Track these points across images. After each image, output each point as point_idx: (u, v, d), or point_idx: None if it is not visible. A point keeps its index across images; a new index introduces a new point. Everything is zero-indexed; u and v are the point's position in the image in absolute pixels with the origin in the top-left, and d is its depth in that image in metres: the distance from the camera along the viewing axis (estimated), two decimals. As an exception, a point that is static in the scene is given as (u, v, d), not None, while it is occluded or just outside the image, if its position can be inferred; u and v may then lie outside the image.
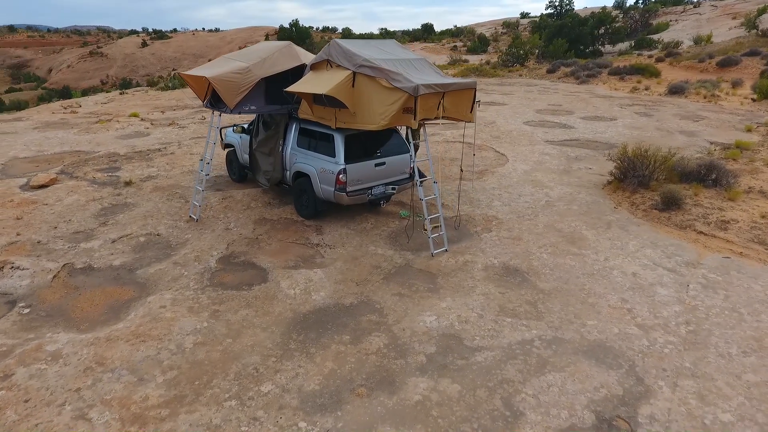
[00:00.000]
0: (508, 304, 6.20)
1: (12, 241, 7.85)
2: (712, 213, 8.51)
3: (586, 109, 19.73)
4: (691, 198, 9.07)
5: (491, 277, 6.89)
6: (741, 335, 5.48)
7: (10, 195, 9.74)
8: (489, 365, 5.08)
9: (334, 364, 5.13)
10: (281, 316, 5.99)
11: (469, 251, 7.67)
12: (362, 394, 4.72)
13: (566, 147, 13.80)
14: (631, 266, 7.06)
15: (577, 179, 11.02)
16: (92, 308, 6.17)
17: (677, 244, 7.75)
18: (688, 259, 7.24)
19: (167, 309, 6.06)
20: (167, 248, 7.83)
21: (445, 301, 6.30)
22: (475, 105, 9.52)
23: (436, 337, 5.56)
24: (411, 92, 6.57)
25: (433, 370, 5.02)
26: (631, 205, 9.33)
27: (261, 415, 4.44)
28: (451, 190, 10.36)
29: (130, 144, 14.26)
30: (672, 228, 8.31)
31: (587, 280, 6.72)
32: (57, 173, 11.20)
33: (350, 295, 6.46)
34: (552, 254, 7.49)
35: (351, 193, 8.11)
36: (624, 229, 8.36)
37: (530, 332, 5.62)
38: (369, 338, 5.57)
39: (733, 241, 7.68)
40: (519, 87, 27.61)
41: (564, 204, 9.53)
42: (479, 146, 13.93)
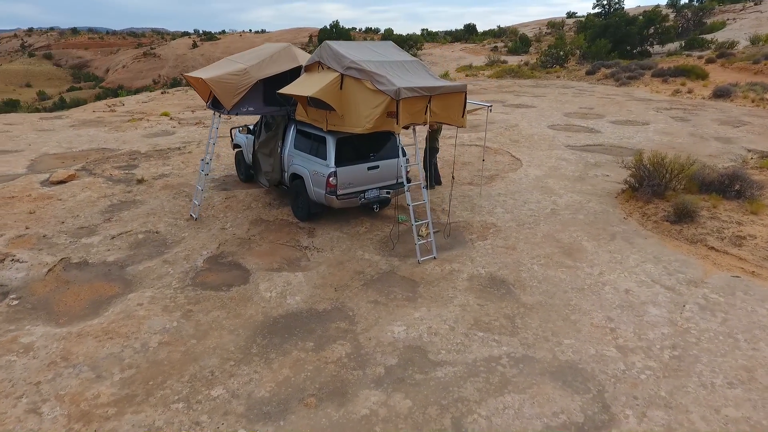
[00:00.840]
0: (484, 317, 5.94)
1: (20, 234, 8.23)
2: (728, 227, 7.88)
3: (619, 113, 18.86)
4: (708, 210, 8.44)
5: (474, 287, 6.63)
6: (731, 364, 5.02)
7: (29, 190, 10.24)
8: (448, 382, 4.87)
9: (290, 372, 5.06)
10: (251, 319, 5.98)
11: (458, 259, 7.42)
12: (311, 404, 4.62)
13: (587, 152, 13.20)
14: (625, 282, 6.63)
15: (590, 187, 10.50)
16: (75, 303, 6.36)
17: (683, 259, 7.22)
18: (691, 277, 6.73)
19: (143, 307, 6.17)
20: (162, 246, 8.00)
21: (420, 311, 6.11)
22: (471, 109, 9.26)
23: (401, 349, 5.39)
24: (393, 95, 6.42)
25: (388, 384, 4.86)
26: (642, 215, 8.79)
27: (204, 420, 4.42)
28: (455, 195, 10.10)
29: (153, 142, 14.75)
30: (681, 242, 7.76)
31: (575, 296, 6.35)
32: (78, 170, 11.70)
33: (325, 301, 6.38)
34: (544, 266, 7.14)
35: (341, 196, 8.03)
36: (628, 241, 7.88)
37: (500, 348, 5.36)
38: (332, 346, 5.46)
39: (746, 258, 7.08)
40: (553, 89, 26.76)
41: (570, 213, 9.09)
42: (495, 150, 13.56)
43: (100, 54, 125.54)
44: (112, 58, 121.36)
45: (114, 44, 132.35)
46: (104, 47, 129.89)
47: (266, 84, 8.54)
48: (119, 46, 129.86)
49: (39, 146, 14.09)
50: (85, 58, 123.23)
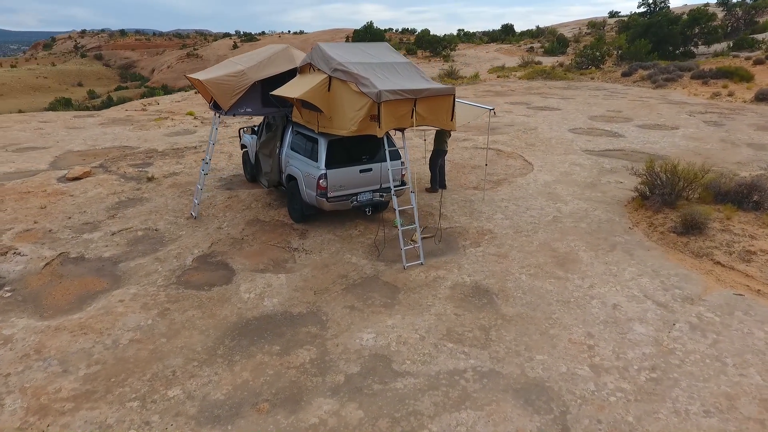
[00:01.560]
0: (458, 327, 5.76)
1: (27, 228, 8.58)
2: (739, 241, 7.37)
3: (648, 117, 18.06)
4: (720, 222, 7.92)
5: (455, 296, 6.44)
6: (712, 390, 4.66)
7: (45, 185, 10.68)
8: (405, 394, 4.73)
9: (250, 375, 5.04)
10: (225, 320, 6.00)
11: (446, 266, 7.24)
12: (263, 409, 4.58)
13: (604, 158, 12.68)
14: (616, 296, 6.28)
15: (600, 194, 10.07)
16: (63, 297, 6.56)
17: (684, 274, 6.79)
18: (688, 293, 6.31)
19: (123, 303, 6.30)
20: (158, 244, 8.17)
21: (394, 318, 5.98)
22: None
23: (366, 357, 5.28)
24: (374, 98, 6.31)
25: (345, 393, 4.77)
26: (649, 225, 8.34)
27: (155, 420, 4.45)
28: (457, 199, 9.89)
29: (172, 141, 15.15)
30: (686, 255, 7.31)
31: (558, 309, 6.07)
32: (95, 167, 12.14)
33: (302, 304, 6.34)
34: (532, 276, 6.87)
35: (332, 199, 7.98)
36: (629, 252, 7.48)
37: (467, 361, 5.17)
38: (298, 351, 5.41)
39: (753, 275, 6.59)
40: (584, 91, 25.93)
41: (572, 221, 8.73)
42: (508, 154, 13.22)
43: (146, 55, 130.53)
44: (158, 58, 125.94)
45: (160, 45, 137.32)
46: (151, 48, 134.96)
47: (264, 85, 8.60)
48: (165, 47, 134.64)
49: (65, 144, 14.71)
50: (132, 59, 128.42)
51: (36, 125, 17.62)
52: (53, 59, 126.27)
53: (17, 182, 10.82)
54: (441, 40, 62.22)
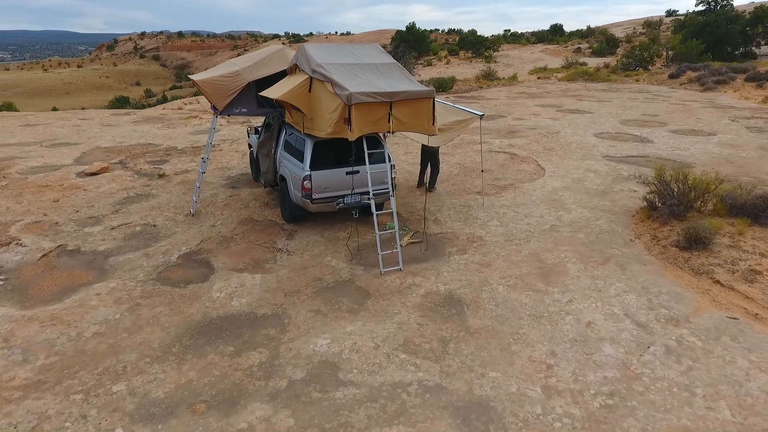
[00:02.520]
0: (417, 338, 5.56)
1: (36, 220, 9.03)
2: (747, 259, 6.75)
3: (686, 122, 17.00)
4: (731, 237, 7.29)
5: (425, 305, 6.24)
6: (670, 423, 4.25)
7: (64, 180, 11.23)
8: (342, 404, 4.60)
9: (196, 375, 5.05)
10: (190, 318, 6.06)
11: (424, 273, 7.04)
12: (198, 410, 4.58)
13: (624, 164, 12.00)
14: (593, 313, 5.89)
15: (609, 203, 9.52)
16: (49, 288, 6.84)
17: (676, 292, 6.28)
18: (675, 314, 5.83)
19: (99, 297, 6.49)
20: (152, 239, 8.39)
21: (355, 324, 5.85)
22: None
23: (315, 363, 5.19)
24: (345, 100, 6.19)
25: (282, 399, 4.69)
26: (652, 238, 7.79)
27: (92, 414, 4.53)
28: (455, 204, 9.62)
29: (194, 139, 15.61)
30: (685, 272, 6.76)
31: (528, 323, 5.75)
32: (115, 163, 12.66)
33: (269, 306, 6.32)
34: (510, 287, 6.55)
35: (316, 200, 7.93)
36: (622, 266, 7.01)
37: (415, 374, 4.97)
38: (250, 353, 5.39)
39: (754, 297, 6.00)
40: (624, 94, 24.77)
41: (570, 230, 8.29)
42: (522, 158, 12.77)
43: (200, 55, 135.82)
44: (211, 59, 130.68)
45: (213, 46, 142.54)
46: (204, 49, 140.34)
47: (259, 86, 8.67)
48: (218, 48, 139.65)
49: (95, 140, 15.45)
50: (188, 59, 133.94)
51: (75, 122, 18.62)
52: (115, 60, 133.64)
53: (40, 176, 11.43)
54: (484, 40, 61.23)
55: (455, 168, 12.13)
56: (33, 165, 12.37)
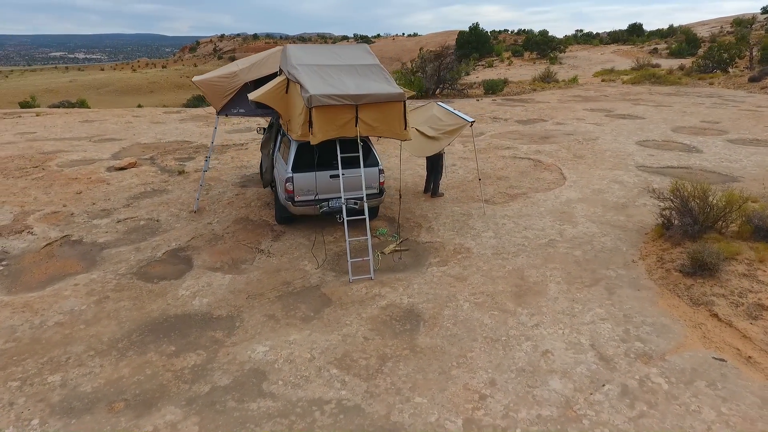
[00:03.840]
0: (356, 353, 5.29)
1: (55, 211, 9.65)
2: (759, 291, 5.84)
3: (750, 130, 15.27)
4: (747, 264, 6.36)
5: (381, 317, 5.95)
6: (594, 476, 3.70)
7: (93, 173, 11.95)
8: (252, 417, 4.45)
9: (128, 372, 5.10)
10: (148, 314, 6.16)
11: (394, 284, 6.73)
12: (114, 409, 4.61)
13: (658, 176, 10.93)
14: (555, 341, 5.32)
15: (625, 217, 8.68)
16: (39, 276, 7.24)
17: (663, 325, 5.54)
18: (651, 349, 5.13)
19: (75, 288, 6.77)
20: (150, 234, 8.69)
21: (302, 333, 5.68)
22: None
23: (245, 371, 5.07)
24: (306, 102, 6.02)
25: (198, 405, 4.62)
26: (658, 260, 6.98)
27: (19, 402, 4.68)
28: (455, 212, 9.19)
29: (228, 138, 16.12)
30: (682, 301, 5.97)
31: (480, 347, 5.30)
32: (145, 159, 13.32)
33: (227, 308, 6.30)
34: (477, 305, 6.10)
35: (298, 203, 7.84)
36: (610, 290, 6.32)
37: (339, 392, 4.72)
38: (189, 355, 5.37)
39: (752, 337, 5.16)
40: (690, 98, 22.76)
41: (569, 246, 7.63)
42: (546, 166, 12.01)
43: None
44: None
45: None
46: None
47: (257, 86, 8.72)
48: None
49: (138, 136, 16.37)
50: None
51: (128, 119, 19.88)
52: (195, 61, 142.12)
53: (74, 169, 12.25)
54: (550, 41, 58.77)
55: (471, 173, 11.62)
56: (73, 158, 13.28)
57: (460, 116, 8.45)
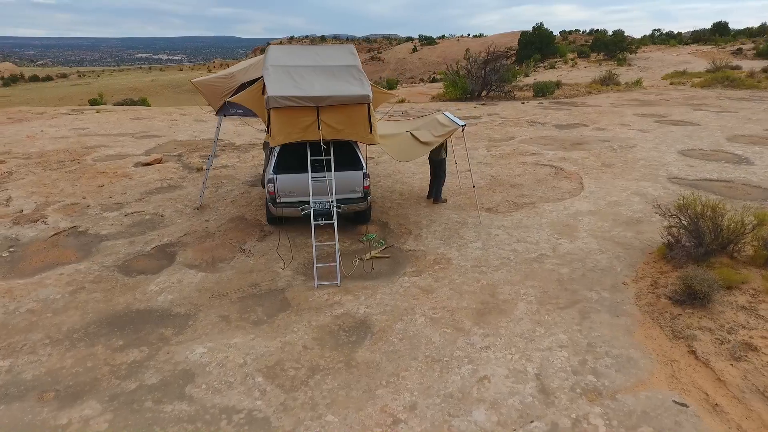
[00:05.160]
0: (289, 362, 5.14)
1: (74, 202, 10.27)
2: (753, 328, 5.05)
3: (820, 140, 13.51)
4: (752, 295, 5.54)
5: (329, 327, 5.76)
6: None
7: (120, 168, 12.62)
8: (162, 419, 4.41)
9: (71, 363, 5.25)
10: (113, 307, 6.35)
11: (358, 292, 6.51)
12: (44, 398, 4.75)
13: (691, 189, 9.89)
14: (498, 367, 4.88)
15: (633, 234, 7.90)
16: (36, 264, 7.69)
17: (629, 358, 4.93)
18: (603, 386, 4.57)
19: (60, 277, 7.11)
20: (150, 228, 9.02)
21: (246, 337, 5.61)
22: (374, 125, 7.92)
23: (176, 372, 5.07)
24: (265, 104, 5.93)
25: (117, 402, 4.65)
26: (652, 284, 6.26)
27: (-36, 383, 4.95)
28: (453, 219, 8.79)
29: (259, 137, 16.50)
30: (662, 333, 5.29)
31: (417, 366, 4.97)
32: (173, 155, 13.90)
33: (187, 306, 6.35)
34: (432, 321, 5.75)
35: (280, 204, 7.81)
36: (584, 315, 5.73)
37: (254, 402, 4.58)
38: (132, 350, 5.46)
39: (727, 381, 4.45)
40: (762, 104, 20.62)
41: (557, 263, 7.04)
42: (566, 174, 11.25)
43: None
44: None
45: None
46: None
47: (254, 87, 8.80)
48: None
49: (177, 134, 17.15)
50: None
51: (175, 117, 20.92)
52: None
53: (105, 164, 13.01)
54: (619, 41, 55.53)
55: (485, 179, 11.12)
56: (108, 153, 14.12)
57: (456, 122, 8.08)
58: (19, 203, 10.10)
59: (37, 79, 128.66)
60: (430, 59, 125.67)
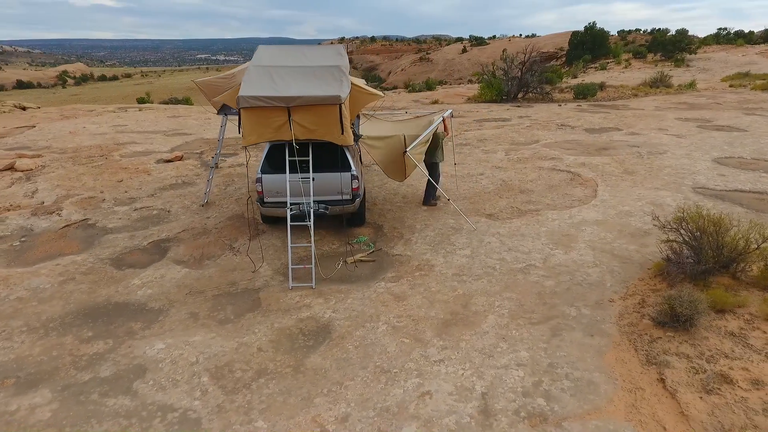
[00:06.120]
0: (240, 363, 5.10)
1: (90, 196, 10.76)
2: (737, 358, 4.53)
3: None
4: (746, 321, 4.99)
5: (290, 330, 5.69)
6: None
7: (142, 164, 13.12)
8: (101, 413, 4.48)
9: (39, 351, 5.45)
10: (94, 299, 6.56)
11: (329, 296, 6.41)
12: (4, 384, 4.94)
13: (717, 200, 9.12)
14: (444, 383, 4.62)
15: (636, 247, 7.36)
16: (40, 254, 8.09)
17: (590, 382, 4.54)
18: (551, 410, 4.22)
19: (56, 267, 7.44)
20: (154, 223, 9.31)
21: (207, 335, 5.64)
22: (346, 126, 7.67)
23: (131, 366, 5.15)
24: (236, 104, 5.93)
25: (68, 392, 4.77)
26: (639, 303, 5.78)
27: (-61, 365, 5.24)
28: (447, 225, 8.53)
29: (282, 136, 16.75)
30: (636, 356, 4.85)
31: (365, 376, 4.80)
32: (196, 153, 14.32)
33: (163, 301, 6.47)
34: (392, 330, 5.56)
35: (267, 204, 7.83)
36: (556, 332, 5.36)
37: (191, 402, 4.57)
38: (98, 342, 5.60)
39: (690, 416, 4.00)
40: (826, 108, 18.82)
41: (544, 275, 6.65)
42: (583, 180, 10.68)
43: (387, 58, 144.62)
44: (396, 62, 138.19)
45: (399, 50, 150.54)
46: (392, 53, 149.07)
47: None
48: (403, 52, 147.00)
49: (206, 132, 17.68)
50: (375, 62, 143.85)
51: (208, 115, 21.55)
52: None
53: (130, 160, 13.57)
54: (678, 41, 52.46)
55: (495, 184, 10.74)
56: (136, 150, 14.73)
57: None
58: (42, 195, 10.69)
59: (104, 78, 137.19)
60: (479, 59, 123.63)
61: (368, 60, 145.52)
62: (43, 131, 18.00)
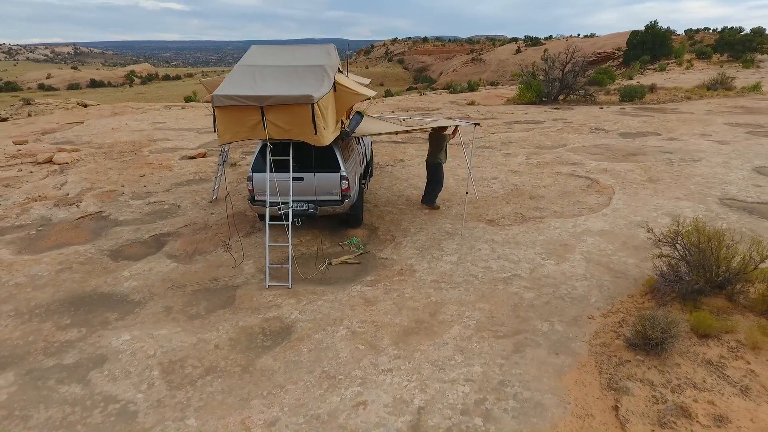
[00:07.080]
0: (193, 359, 5.14)
1: (110, 189, 11.29)
2: (704, 390, 4.07)
3: None
4: (729, 349, 4.49)
5: (252, 329, 5.69)
6: None
7: (166, 160, 13.64)
8: (52, 398, 4.64)
9: (17, 335, 5.73)
10: (83, 288, 6.84)
11: (302, 296, 6.38)
12: (-23, 365, 5.23)
13: (744, 213, 8.35)
14: (384, 394, 4.44)
15: (636, 261, 6.84)
16: (51, 242, 8.55)
17: (539, 404, 4.22)
18: (487, 431, 3.96)
19: (58, 256, 7.83)
20: (161, 217, 9.64)
21: (173, 329, 5.73)
22: (319, 126, 7.44)
23: (94, 355, 5.32)
24: (212, 102, 5.98)
25: (29, 377, 4.98)
26: (618, 322, 5.35)
27: (-72, 343, 5.62)
28: (442, 229, 8.30)
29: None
30: (597, 379, 4.47)
31: (309, 380, 4.71)
32: (217, 150, 14.72)
33: (144, 293, 6.66)
34: (351, 334, 5.43)
35: (257, 203, 7.89)
36: (519, 349, 5.04)
37: (135, 395, 4.64)
38: (72, 330, 5.82)
39: (636, 451, 3.62)
40: None
41: (527, 286, 6.30)
42: (600, 188, 10.09)
43: (438, 59, 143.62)
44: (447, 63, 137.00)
45: (452, 51, 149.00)
46: (443, 53, 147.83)
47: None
48: (455, 53, 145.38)
49: (237, 130, 18.14)
50: (427, 63, 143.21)
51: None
52: (368, 63, 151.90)
53: (156, 155, 14.14)
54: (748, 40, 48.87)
55: (505, 189, 10.35)
56: (165, 146, 15.34)
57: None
58: (69, 188, 11.33)
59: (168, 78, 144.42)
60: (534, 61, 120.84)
61: (420, 61, 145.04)
62: (89, 127, 19.14)
